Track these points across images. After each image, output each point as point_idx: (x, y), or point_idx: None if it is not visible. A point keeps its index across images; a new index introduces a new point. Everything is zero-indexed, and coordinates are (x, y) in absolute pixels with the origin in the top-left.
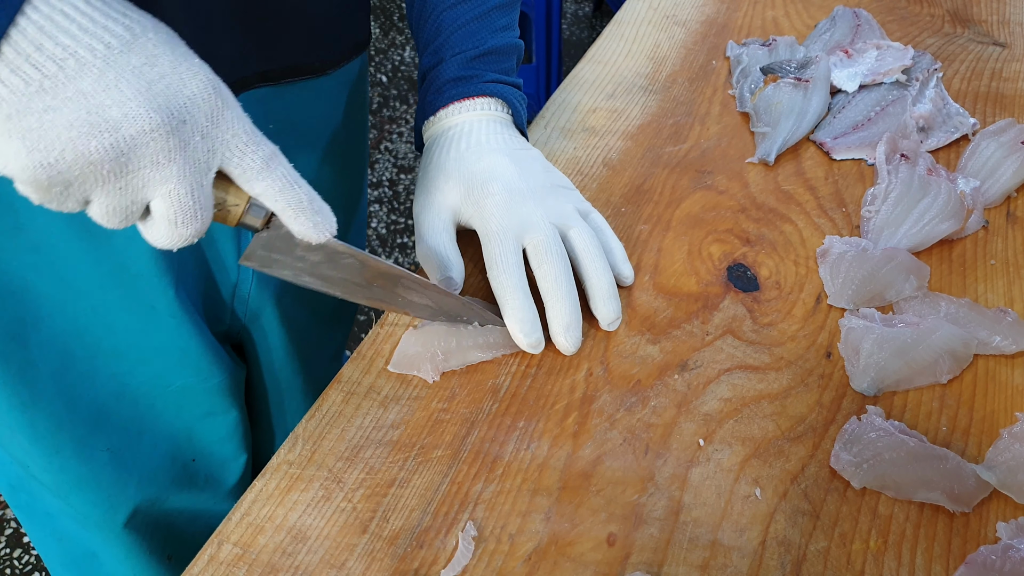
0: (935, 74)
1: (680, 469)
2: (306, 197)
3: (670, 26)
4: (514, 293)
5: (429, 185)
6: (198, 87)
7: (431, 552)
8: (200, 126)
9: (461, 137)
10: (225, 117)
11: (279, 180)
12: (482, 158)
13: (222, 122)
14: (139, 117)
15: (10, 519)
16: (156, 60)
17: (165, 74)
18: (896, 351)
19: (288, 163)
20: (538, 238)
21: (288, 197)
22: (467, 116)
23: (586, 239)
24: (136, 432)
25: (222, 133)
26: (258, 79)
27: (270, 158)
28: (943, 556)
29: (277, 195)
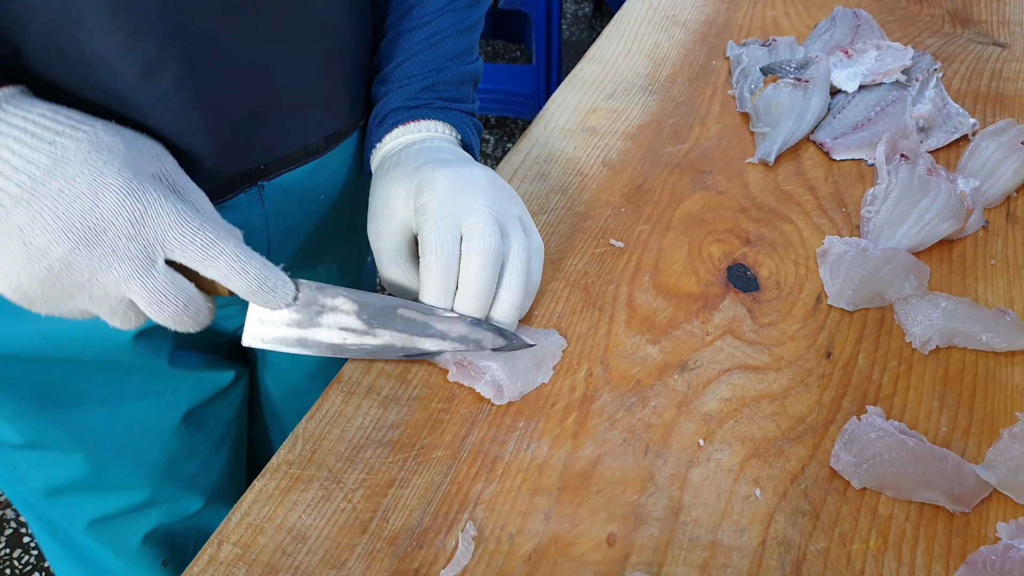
0: (935, 74)
1: (680, 469)
2: (256, 278)
3: (670, 26)
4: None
5: (376, 207)
6: (113, 199)
7: (431, 552)
8: (124, 230)
9: (402, 152)
10: (150, 216)
11: (223, 267)
12: (426, 161)
13: (148, 221)
14: (59, 240)
15: (10, 519)
16: (75, 181)
17: (81, 194)
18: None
19: (235, 246)
20: (475, 225)
21: (236, 283)
22: (411, 136)
23: (518, 251)
24: (131, 454)
25: (150, 231)
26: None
27: (209, 246)
28: (943, 556)
29: (226, 281)
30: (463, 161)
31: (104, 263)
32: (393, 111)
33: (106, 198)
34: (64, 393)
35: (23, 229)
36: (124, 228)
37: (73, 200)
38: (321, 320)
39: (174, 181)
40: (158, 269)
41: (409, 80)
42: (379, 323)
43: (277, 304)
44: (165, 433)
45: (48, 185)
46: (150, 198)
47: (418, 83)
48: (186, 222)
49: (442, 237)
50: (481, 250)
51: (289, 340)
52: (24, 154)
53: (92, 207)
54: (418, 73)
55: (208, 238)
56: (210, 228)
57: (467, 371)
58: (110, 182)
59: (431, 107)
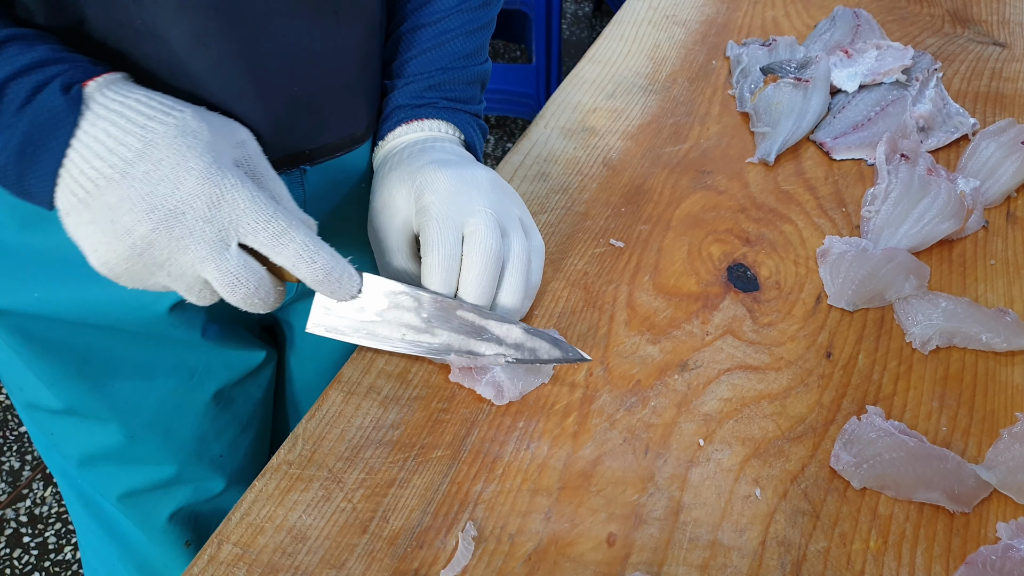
0: (935, 74)
1: (680, 469)
2: (322, 268)
3: (670, 26)
4: (439, 286)
5: (377, 206)
6: (193, 183)
7: (431, 552)
8: (201, 214)
9: (404, 151)
10: (226, 200)
11: (292, 255)
12: (428, 162)
13: (224, 205)
14: (141, 220)
15: (10, 519)
16: (160, 164)
17: (165, 177)
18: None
19: (305, 235)
20: (476, 226)
21: (304, 272)
22: (415, 135)
23: (518, 252)
24: (164, 429)
25: (226, 215)
26: (324, 152)
27: (281, 234)
28: (943, 556)
29: (294, 269)
30: (465, 162)
31: (182, 244)
32: (398, 108)
33: (187, 182)
34: (102, 361)
35: (112, 208)
36: (201, 211)
37: (158, 183)
38: (384, 315)
39: (255, 168)
40: (231, 252)
41: (415, 78)
42: (438, 322)
43: (342, 295)
44: (195, 409)
45: (136, 167)
46: (227, 183)
47: (424, 81)
48: (260, 209)
49: (444, 238)
50: (482, 252)
51: (350, 331)
52: (118, 137)
53: (174, 190)
54: (425, 71)
55: (280, 226)
56: (283, 216)
57: (468, 372)
58: (192, 166)
59: (436, 106)
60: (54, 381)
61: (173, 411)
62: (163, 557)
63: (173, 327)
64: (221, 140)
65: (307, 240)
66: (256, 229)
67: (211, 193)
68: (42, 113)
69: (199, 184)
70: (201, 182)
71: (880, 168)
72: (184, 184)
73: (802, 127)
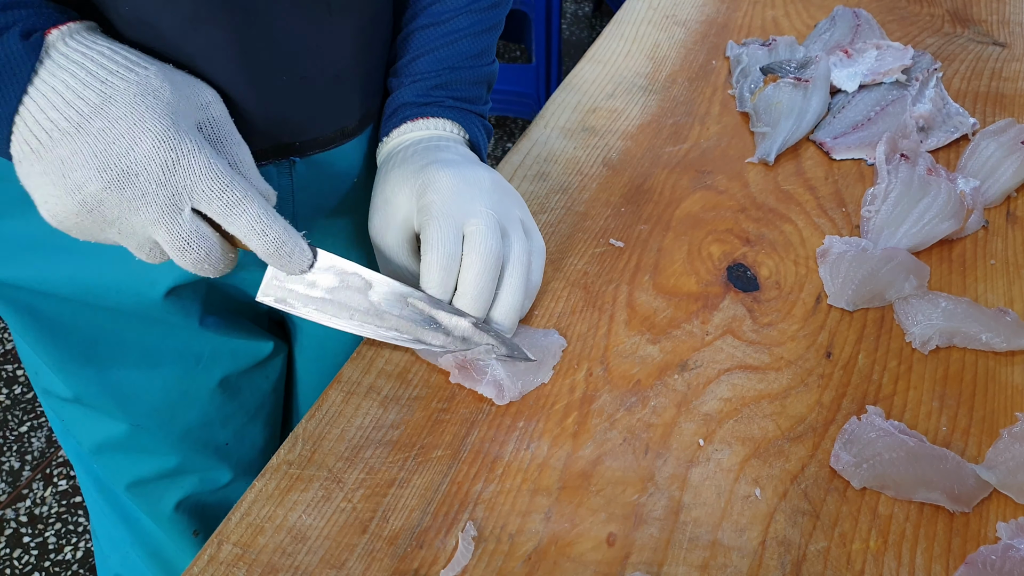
0: (935, 74)
1: (680, 469)
2: (274, 242)
3: (670, 26)
4: (436, 290)
5: (377, 200)
6: (148, 144)
7: (431, 552)
8: (155, 176)
9: (408, 149)
10: (182, 165)
11: (244, 227)
12: (432, 161)
13: (179, 170)
14: (92, 178)
15: (10, 519)
16: (116, 122)
17: (120, 136)
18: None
19: (259, 207)
20: (477, 227)
21: (255, 243)
22: (418, 134)
23: (518, 253)
24: (168, 414)
25: (180, 180)
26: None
27: (234, 204)
28: (943, 556)
29: (246, 240)
30: (468, 162)
31: (133, 205)
32: (403, 106)
33: (142, 143)
34: (107, 345)
35: (64, 162)
36: (155, 174)
37: (112, 141)
38: (333, 293)
39: (219, 131)
40: (184, 217)
41: (422, 76)
42: (387, 307)
43: (292, 269)
44: (201, 397)
45: (92, 123)
46: (184, 148)
47: (431, 80)
48: (215, 177)
49: (444, 237)
50: (482, 252)
51: (299, 304)
52: (77, 90)
53: (128, 150)
54: (432, 70)
55: (235, 196)
56: (239, 186)
57: (468, 372)
58: (149, 127)
59: (442, 105)
60: (61, 366)
61: (179, 398)
62: (173, 546)
63: (170, 313)
64: (183, 101)
65: (261, 212)
66: (210, 197)
67: (167, 157)
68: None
69: (155, 147)
70: (157, 145)
71: (880, 168)
72: (140, 145)
73: (802, 127)
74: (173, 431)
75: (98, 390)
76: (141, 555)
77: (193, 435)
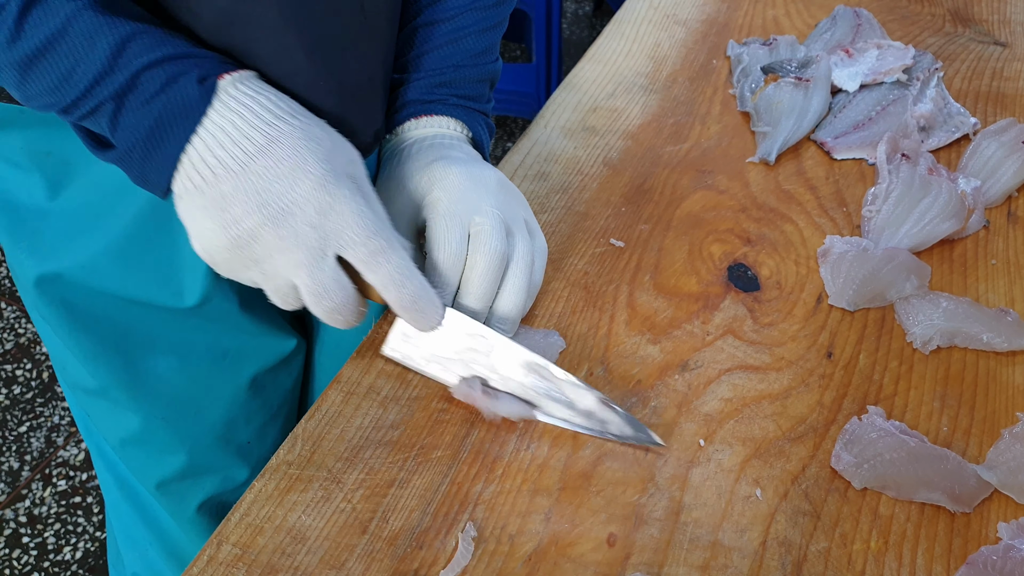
0: (936, 73)
1: (680, 469)
2: (410, 295)
3: (670, 25)
4: (441, 286)
5: (384, 196)
6: (306, 187)
7: (431, 553)
8: (309, 219)
9: (413, 146)
10: (335, 210)
11: (384, 277)
12: (438, 158)
13: (331, 215)
14: (251, 213)
15: (10, 519)
16: (280, 162)
17: (283, 175)
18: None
19: (401, 258)
20: (482, 227)
21: (392, 295)
22: (424, 131)
23: (522, 254)
24: (194, 409)
25: (332, 224)
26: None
27: (377, 253)
28: (944, 556)
29: (383, 290)
30: (473, 161)
31: (284, 244)
32: (408, 103)
33: (302, 184)
34: (139, 336)
35: (225, 197)
36: (310, 216)
37: (274, 180)
38: (461, 354)
39: (362, 186)
40: (327, 263)
41: (427, 73)
42: (510, 372)
43: (423, 325)
44: (227, 392)
45: (257, 161)
46: (340, 194)
47: (436, 77)
48: (364, 225)
49: (450, 236)
50: (487, 252)
51: (423, 361)
52: (244, 130)
53: (289, 189)
54: (437, 68)
55: (380, 244)
56: (384, 235)
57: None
58: (310, 170)
59: (446, 103)
60: (91, 357)
61: (205, 393)
62: (192, 546)
63: (206, 308)
64: (339, 153)
65: (402, 263)
66: (356, 243)
67: (323, 200)
68: (176, 101)
69: (313, 189)
70: (316, 187)
71: (881, 168)
72: (300, 186)
73: (803, 127)
74: (198, 427)
75: (127, 381)
76: (160, 554)
77: (216, 432)
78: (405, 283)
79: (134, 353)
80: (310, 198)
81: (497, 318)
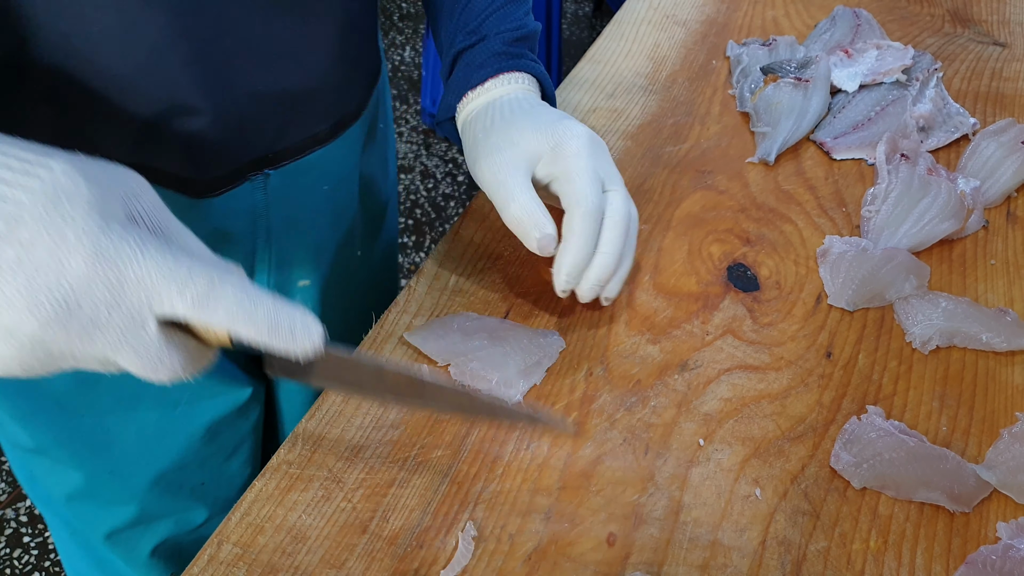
0: (935, 74)
1: (680, 469)
2: (264, 323)
3: (670, 26)
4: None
5: (501, 141)
6: (81, 266)
7: (431, 552)
8: (103, 299)
9: (520, 100)
10: (130, 277)
11: (223, 317)
12: (553, 112)
13: (127, 285)
14: (25, 319)
15: (10, 519)
16: (33, 246)
17: (42, 263)
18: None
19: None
20: (618, 191)
21: (246, 330)
22: (517, 87)
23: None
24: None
25: (133, 295)
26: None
27: (204, 297)
28: (943, 556)
29: (232, 329)
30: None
31: (83, 338)
32: (494, 56)
33: (72, 266)
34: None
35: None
36: (102, 297)
37: (34, 273)
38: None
39: (155, 221)
40: (149, 332)
41: (502, 29)
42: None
43: (299, 348)
44: (177, 442)
45: (3, 253)
46: (126, 255)
47: (511, 33)
48: (172, 273)
49: (592, 192)
50: (622, 216)
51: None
52: None
53: (57, 279)
54: (509, 25)
55: (201, 287)
56: (201, 273)
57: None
58: (73, 246)
59: (527, 59)
60: (29, 417)
61: (156, 444)
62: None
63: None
64: (106, 195)
65: (238, 293)
66: (173, 298)
67: (108, 275)
68: None
69: (90, 266)
70: (91, 264)
71: (880, 168)
72: (70, 270)
73: (802, 127)
74: (147, 476)
75: (66, 440)
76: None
77: (167, 478)
78: (254, 309)
79: (75, 413)
80: (92, 278)
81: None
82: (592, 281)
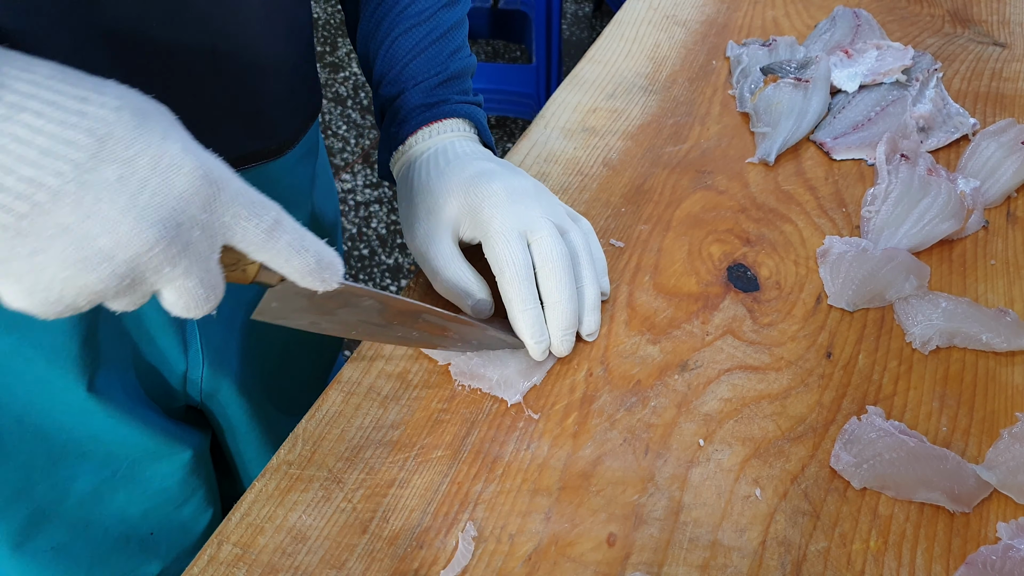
0: (935, 74)
1: (680, 469)
2: (313, 260)
3: (670, 26)
4: (526, 302)
5: (420, 210)
6: (186, 182)
7: (431, 552)
8: (198, 220)
9: (438, 156)
10: (221, 201)
11: (284, 249)
12: (470, 165)
13: (218, 207)
14: (132, 240)
15: None
16: (133, 162)
17: (147, 179)
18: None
19: (293, 224)
20: (543, 237)
21: (293, 264)
22: (439, 139)
23: (581, 244)
24: (83, 526)
25: (220, 218)
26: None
27: (272, 228)
28: (943, 556)
29: (283, 263)
30: (507, 171)
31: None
32: (414, 110)
33: (178, 184)
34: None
35: (73, 230)
36: (198, 218)
37: (139, 191)
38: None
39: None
40: (213, 263)
41: (423, 77)
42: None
43: (328, 284)
44: (116, 502)
45: (100, 172)
46: (224, 176)
47: (432, 80)
48: (252, 202)
49: (516, 252)
50: (556, 261)
51: (303, 322)
52: (52, 132)
53: (166, 197)
54: (430, 71)
55: (271, 219)
56: (271, 204)
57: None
58: (178, 161)
59: (450, 103)
60: None
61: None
62: None
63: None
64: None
65: (298, 228)
66: (246, 229)
67: (207, 194)
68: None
69: (193, 183)
70: (194, 180)
71: (880, 168)
72: (175, 186)
73: (802, 127)
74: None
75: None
76: None
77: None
78: (305, 247)
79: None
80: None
81: (587, 310)
82: (558, 335)
